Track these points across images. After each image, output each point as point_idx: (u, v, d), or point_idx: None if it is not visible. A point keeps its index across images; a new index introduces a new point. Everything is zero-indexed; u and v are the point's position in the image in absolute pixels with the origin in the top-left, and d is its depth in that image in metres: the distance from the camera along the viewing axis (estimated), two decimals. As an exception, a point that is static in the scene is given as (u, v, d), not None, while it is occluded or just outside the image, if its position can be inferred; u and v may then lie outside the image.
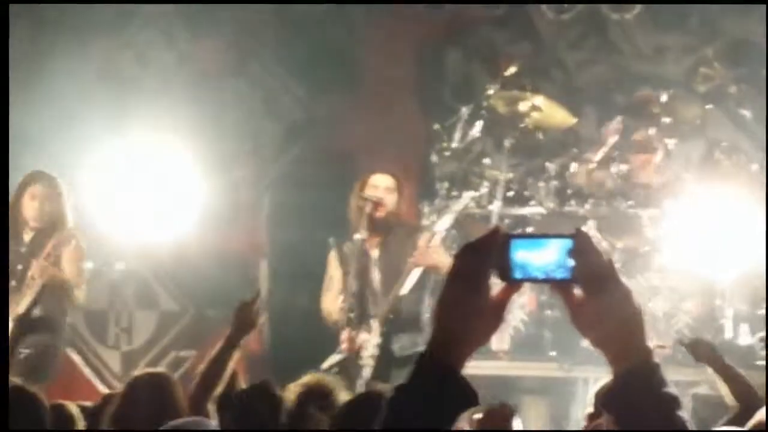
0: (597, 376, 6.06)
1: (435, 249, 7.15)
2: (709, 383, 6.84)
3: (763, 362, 7.61)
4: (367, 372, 6.83)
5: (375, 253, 7.19)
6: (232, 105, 8.88)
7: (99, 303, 8.50)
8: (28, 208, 7.18)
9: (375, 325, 7.12)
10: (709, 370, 5.34)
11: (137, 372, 5.25)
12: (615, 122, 8.74)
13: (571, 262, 1.64)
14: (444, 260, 6.75)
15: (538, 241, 1.69)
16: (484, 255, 1.66)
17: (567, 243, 1.65)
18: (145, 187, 7.89)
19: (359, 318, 7.04)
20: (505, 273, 1.65)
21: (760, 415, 4.56)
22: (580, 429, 5.30)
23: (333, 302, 7.21)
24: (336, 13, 9.01)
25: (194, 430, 3.84)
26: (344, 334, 6.99)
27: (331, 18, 9.01)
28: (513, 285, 1.66)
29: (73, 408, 4.52)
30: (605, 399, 1.67)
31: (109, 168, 7.85)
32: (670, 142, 8.22)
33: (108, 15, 8.49)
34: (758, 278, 7.69)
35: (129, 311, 8.71)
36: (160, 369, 5.58)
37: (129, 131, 8.04)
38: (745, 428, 4.49)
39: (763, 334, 8.27)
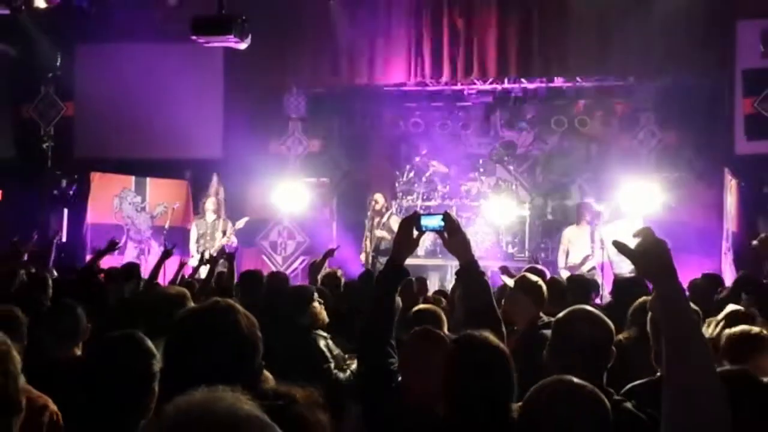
0: (456, 264, 4.69)
1: (394, 221, 10.87)
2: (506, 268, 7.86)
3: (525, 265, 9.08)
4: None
5: (378, 226, 11.82)
6: (321, 167, 13.56)
7: (273, 239, 13.69)
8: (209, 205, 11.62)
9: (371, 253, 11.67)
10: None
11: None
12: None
13: (443, 223, 2.96)
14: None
15: (431, 216, 2.92)
16: (411, 221, 3.01)
17: (441, 216, 2.90)
18: (286, 198, 13.17)
19: (374, 253, 11.78)
20: (419, 227, 2.87)
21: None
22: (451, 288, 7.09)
23: (365, 248, 11.87)
24: (360, 136, 14.23)
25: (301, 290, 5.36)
26: (364, 257, 12.16)
27: (360, 131, 14.27)
28: (421, 232, 2.93)
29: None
30: (458, 274, 3.07)
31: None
32: (487, 181, 13.72)
33: (273, 129, 13.65)
34: (516, 225, 13.04)
35: (284, 241, 13.66)
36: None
37: (284, 180, 13.09)
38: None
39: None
